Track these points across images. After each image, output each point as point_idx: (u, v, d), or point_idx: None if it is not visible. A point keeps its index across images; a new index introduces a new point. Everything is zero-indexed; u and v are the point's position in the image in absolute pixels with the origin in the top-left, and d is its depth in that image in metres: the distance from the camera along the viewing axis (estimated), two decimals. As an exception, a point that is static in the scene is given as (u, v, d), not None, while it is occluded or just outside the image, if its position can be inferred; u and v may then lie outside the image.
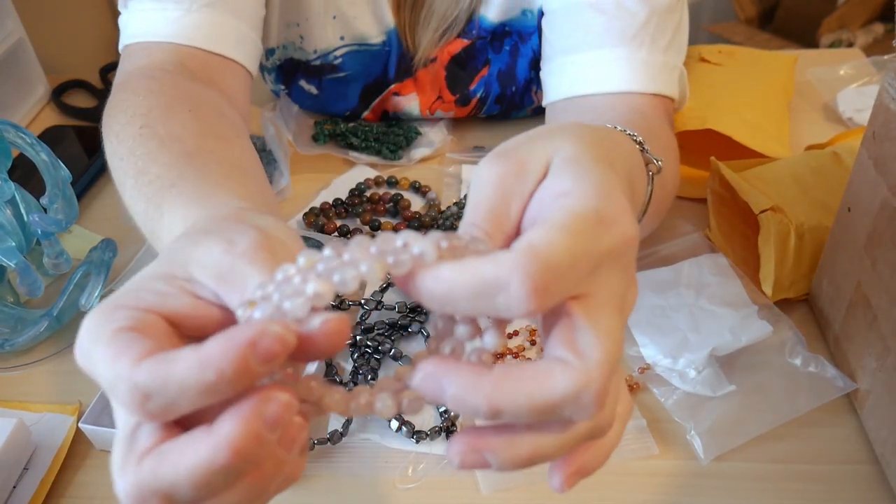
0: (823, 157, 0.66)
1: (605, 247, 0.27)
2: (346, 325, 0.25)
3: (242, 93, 0.62)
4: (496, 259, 0.25)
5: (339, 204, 0.73)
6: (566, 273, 0.25)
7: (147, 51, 0.59)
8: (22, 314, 0.59)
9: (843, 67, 0.91)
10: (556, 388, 0.25)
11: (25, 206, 0.59)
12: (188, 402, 0.24)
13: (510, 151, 0.31)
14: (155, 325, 0.27)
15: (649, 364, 0.54)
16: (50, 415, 0.54)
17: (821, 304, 0.58)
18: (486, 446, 0.27)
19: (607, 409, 0.28)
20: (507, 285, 0.25)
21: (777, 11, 1.86)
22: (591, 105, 0.59)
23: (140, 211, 0.46)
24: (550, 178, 0.30)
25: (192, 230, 0.32)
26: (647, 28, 0.59)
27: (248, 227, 0.30)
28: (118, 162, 0.50)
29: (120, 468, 0.26)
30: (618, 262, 0.28)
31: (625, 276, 0.28)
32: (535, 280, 0.25)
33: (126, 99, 0.53)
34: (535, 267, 0.25)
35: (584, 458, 0.29)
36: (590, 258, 0.26)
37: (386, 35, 0.74)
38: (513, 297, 0.25)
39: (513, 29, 0.74)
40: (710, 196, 0.66)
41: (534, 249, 0.25)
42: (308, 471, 0.50)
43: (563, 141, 0.31)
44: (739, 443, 0.50)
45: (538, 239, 0.25)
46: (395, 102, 0.81)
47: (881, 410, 0.49)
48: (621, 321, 0.28)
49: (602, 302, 0.27)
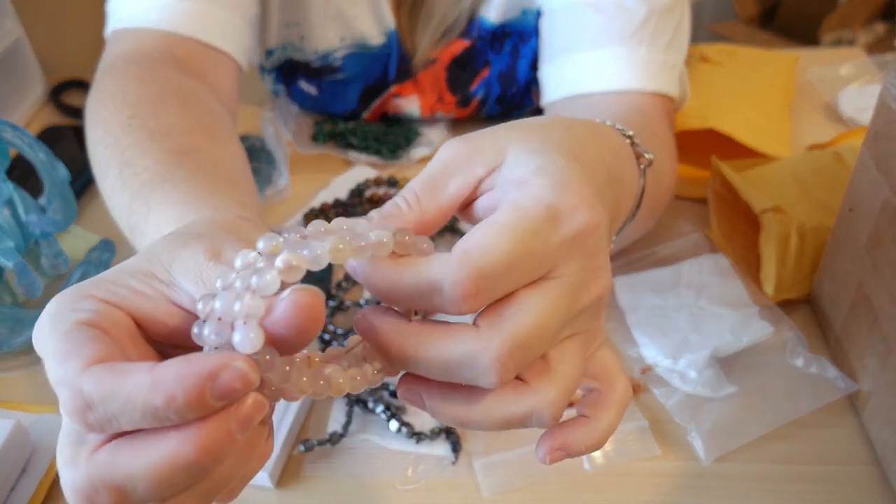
0: (825, 157, 0.66)
1: (559, 240, 0.27)
2: (319, 298, 0.24)
3: (231, 85, 0.61)
4: (433, 262, 0.27)
5: (338, 204, 0.72)
6: (500, 277, 0.26)
7: (135, 36, 0.58)
8: (20, 314, 0.59)
9: (844, 67, 0.91)
10: (455, 348, 0.26)
11: (24, 206, 0.59)
12: (130, 421, 0.23)
13: (469, 137, 0.31)
14: (120, 324, 0.26)
15: (651, 365, 0.54)
16: (48, 416, 0.53)
17: (822, 305, 0.58)
18: (423, 388, 0.29)
19: (548, 394, 0.28)
20: (440, 289, 0.26)
21: (778, 10, 1.86)
22: (590, 104, 0.59)
23: (122, 203, 0.45)
24: (507, 165, 0.30)
25: (183, 230, 0.31)
26: (647, 27, 0.59)
27: (240, 242, 0.30)
28: (102, 150, 0.49)
29: (69, 459, 0.24)
30: (577, 251, 0.28)
31: (586, 264, 0.29)
32: (466, 285, 0.26)
33: (114, 85, 0.52)
34: (465, 272, 0.26)
35: (571, 437, 0.31)
36: (534, 258, 0.27)
37: (386, 36, 0.74)
38: (446, 300, 0.26)
39: (513, 30, 0.73)
40: (711, 196, 0.66)
41: (467, 255, 0.26)
42: (308, 471, 0.50)
43: (524, 132, 0.31)
44: (740, 444, 0.50)
45: (474, 243, 0.26)
46: (395, 104, 0.80)
47: (882, 411, 0.48)
48: (567, 304, 0.28)
49: (548, 286, 0.28)
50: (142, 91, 0.51)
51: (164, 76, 0.54)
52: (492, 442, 0.50)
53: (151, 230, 0.41)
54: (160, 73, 0.54)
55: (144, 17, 0.58)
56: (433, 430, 0.51)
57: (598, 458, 0.50)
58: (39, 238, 0.59)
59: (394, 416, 0.52)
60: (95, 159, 0.50)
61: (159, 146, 0.46)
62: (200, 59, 0.58)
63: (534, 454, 0.49)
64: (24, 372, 0.58)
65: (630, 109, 0.57)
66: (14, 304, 0.60)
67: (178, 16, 0.57)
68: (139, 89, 0.51)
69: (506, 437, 0.50)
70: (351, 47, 0.74)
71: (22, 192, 0.59)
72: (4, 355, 0.59)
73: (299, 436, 0.52)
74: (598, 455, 0.50)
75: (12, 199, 0.58)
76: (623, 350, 0.56)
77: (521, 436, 0.50)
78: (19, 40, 0.90)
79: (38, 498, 0.49)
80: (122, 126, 0.48)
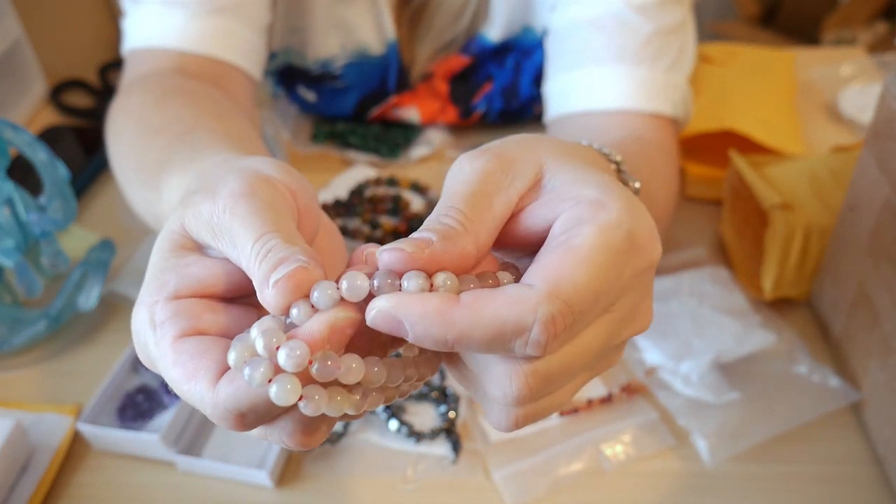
0: (846, 159, 0.64)
1: (633, 271, 0.26)
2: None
3: (246, 99, 0.61)
4: (516, 298, 0.23)
5: (339, 204, 0.72)
6: (587, 313, 0.24)
7: (151, 57, 0.58)
8: (20, 314, 0.59)
9: (845, 66, 0.91)
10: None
11: (23, 206, 0.59)
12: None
13: (495, 149, 0.28)
14: (189, 310, 0.28)
15: (655, 367, 0.54)
16: (48, 415, 0.53)
17: (823, 305, 0.58)
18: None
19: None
20: (527, 330, 0.23)
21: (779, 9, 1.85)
22: (588, 124, 0.58)
23: (142, 200, 0.46)
24: (557, 176, 0.28)
25: (185, 193, 0.32)
26: (649, 46, 0.57)
27: (230, 174, 0.30)
28: (121, 161, 0.51)
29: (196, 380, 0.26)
30: (638, 286, 0.27)
31: (638, 302, 0.27)
32: (558, 324, 0.23)
33: (123, 102, 0.54)
34: (557, 309, 0.23)
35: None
36: (613, 291, 0.25)
37: (386, 46, 0.73)
38: (532, 342, 0.23)
39: (515, 46, 0.73)
40: (728, 191, 0.65)
41: (558, 289, 0.23)
42: (308, 471, 0.50)
43: (548, 143, 0.30)
44: (741, 449, 0.50)
45: (562, 276, 0.24)
46: (395, 114, 0.80)
47: (883, 411, 0.48)
48: (604, 341, 0.26)
49: (604, 320, 0.26)
50: (147, 98, 0.52)
51: (168, 81, 0.55)
52: (510, 452, 0.50)
53: (167, 209, 0.41)
54: (164, 79, 0.55)
55: (159, 38, 0.58)
56: (433, 430, 0.51)
57: (618, 455, 0.50)
58: (39, 237, 0.59)
59: (393, 416, 0.52)
60: (118, 173, 0.52)
61: (164, 137, 0.46)
62: (215, 75, 0.59)
63: (554, 459, 0.49)
64: (24, 372, 0.58)
65: (627, 133, 0.56)
66: (14, 303, 0.60)
67: (192, 34, 0.58)
68: (144, 97, 0.52)
69: (522, 446, 0.50)
70: (351, 56, 0.74)
71: (22, 191, 0.59)
72: (4, 355, 0.59)
73: (299, 435, 0.52)
74: (620, 451, 0.50)
75: (12, 199, 0.58)
76: (624, 353, 0.56)
77: (537, 443, 0.50)
78: (19, 40, 0.89)
79: (38, 498, 0.48)
80: (132, 132, 0.49)
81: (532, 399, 0.25)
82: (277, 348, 0.24)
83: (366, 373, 0.25)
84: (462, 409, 0.52)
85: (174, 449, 0.50)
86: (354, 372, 0.25)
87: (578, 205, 0.26)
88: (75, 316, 0.61)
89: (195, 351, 0.27)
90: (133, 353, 0.56)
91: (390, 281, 0.25)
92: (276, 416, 0.27)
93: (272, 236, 0.27)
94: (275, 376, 0.24)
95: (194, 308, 0.28)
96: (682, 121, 0.61)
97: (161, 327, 0.27)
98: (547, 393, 0.26)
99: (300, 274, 0.25)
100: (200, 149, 0.41)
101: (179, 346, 0.27)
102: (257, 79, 0.63)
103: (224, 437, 0.52)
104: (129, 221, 0.70)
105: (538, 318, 0.23)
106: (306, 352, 0.24)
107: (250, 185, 0.29)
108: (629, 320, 0.27)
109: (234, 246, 0.27)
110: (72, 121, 0.90)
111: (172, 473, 0.50)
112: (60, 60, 0.98)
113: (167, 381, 0.28)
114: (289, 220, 0.29)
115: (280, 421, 0.27)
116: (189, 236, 0.29)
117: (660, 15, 0.57)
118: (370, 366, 0.26)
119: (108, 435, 0.50)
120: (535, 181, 0.28)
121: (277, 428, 0.27)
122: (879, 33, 1.73)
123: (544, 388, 0.25)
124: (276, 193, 0.29)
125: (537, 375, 0.25)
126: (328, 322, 0.25)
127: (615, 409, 0.52)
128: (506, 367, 0.25)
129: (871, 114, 0.50)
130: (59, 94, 0.94)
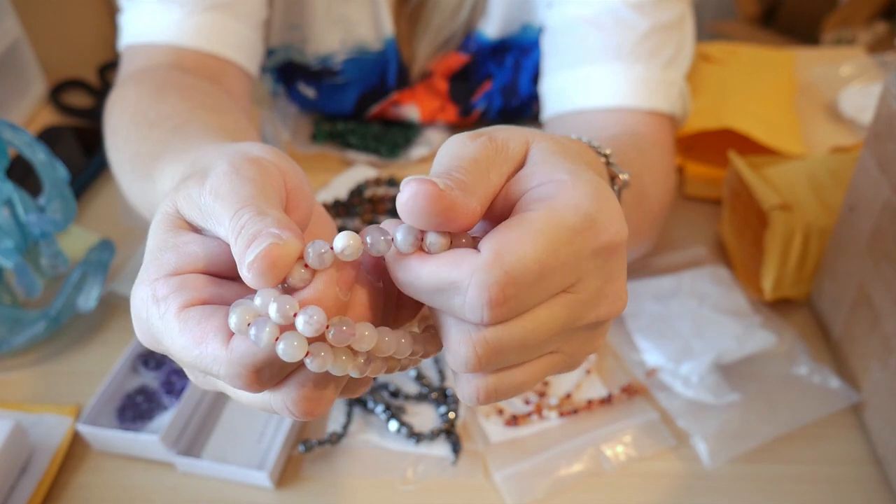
0: (845, 160, 0.64)
1: (590, 252, 0.26)
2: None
3: (243, 95, 0.62)
4: (459, 259, 0.25)
5: (339, 204, 0.72)
6: (530, 287, 0.25)
7: (147, 53, 0.59)
8: (19, 315, 0.59)
9: (845, 66, 0.91)
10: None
11: (23, 206, 0.59)
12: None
13: (489, 132, 0.29)
14: (192, 283, 0.28)
15: (655, 368, 0.54)
16: (47, 416, 0.53)
17: (822, 305, 0.58)
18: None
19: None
20: (463, 290, 0.24)
21: (779, 9, 1.85)
22: (584, 121, 0.58)
23: (137, 191, 0.46)
24: (536, 161, 0.28)
25: (178, 180, 0.32)
26: (646, 43, 0.57)
27: (219, 158, 0.30)
28: (116, 154, 0.51)
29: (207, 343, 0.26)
30: (602, 267, 0.27)
31: (603, 285, 0.27)
32: (493, 292, 0.24)
33: (120, 94, 0.54)
34: (496, 276, 0.24)
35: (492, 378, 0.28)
36: (565, 269, 0.25)
37: (384, 43, 0.73)
38: (468, 304, 0.24)
39: (513, 44, 0.73)
40: (727, 192, 0.65)
41: (500, 257, 0.24)
42: (308, 471, 0.50)
43: (542, 138, 0.30)
44: (742, 450, 0.50)
45: (508, 246, 0.24)
46: (395, 112, 0.80)
47: (883, 412, 0.48)
48: (565, 321, 0.27)
49: (563, 300, 0.26)
50: (142, 91, 0.52)
51: (164, 75, 0.55)
52: (510, 453, 0.50)
53: (160, 199, 0.41)
54: (161, 73, 0.55)
55: (156, 34, 0.58)
56: (433, 431, 0.51)
57: (618, 456, 0.50)
58: (39, 238, 0.59)
59: (393, 417, 0.52)
60: (114, 165, 0.52)
61: (159, 130, 0.46)
62: (212, 71, 0.59)
63: (554, 460, 0.49)
64: (24, 372, 0.58)
65: (621, 128, 0.56)
66: (13, 304, 0.60)
67: (188, 31, 0.58)
68: (139, 90, 0.52)
69: (523, 447, 0.50)
70: (351, 52, 0.74)
71: (21, 191, 0.59)
72: (4, 356, 0.59)
73: (299, 436, 0.52)
74: (620, 452, 0.50)
75: (11, 199, 0.58)
76: (625, 355, 0.56)
77: (537, 444, 0.50)
78: (19, 40, 0.89)
79: (38, 499, 0.48)
80: (127, 125, 0.49)
81: (482, 367, 0.26)
82: (295, 315, 0.25)
83: (378, 341, 0.26)
84: (462, 410, 0.52)
85: (174, 450, 0.50)
86: (367, 339, 0.26)
87: (543, 185, 0.27)
88: (75, 316, 0.61)
89: (201, 316, 0.27)
90: (133, 353, 0.56)
91: (384, 238, 0.26)
92: (287, 374, 0.27)
93: (245, 211, 0.27)
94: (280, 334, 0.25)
95: (197, 282, 0.28)
96: (680, 117, 0.61)
97: (164, 301, 0.27)
98: (502, 365, 0.27)
99: (274, 251, 0.25)
100: (194, 140, 0.42)
101: (185, 315, 0.27)
102: (254, 74, 0.63)
103: (224, 438, 0.52)
104: (129, 221, 0.70)
105: (474, 282, 0.24)
106: (324, 318, 0.24)
107: (234, 165, 0.29)
108: (593, 303, 0.27)
109: (220, 225, 0.28)
110: (71, 121, 0.90)
111: (172, 474, 0.50)
112: (60, 60, 0.98)
113: (174, 354, 0.27)
114: (271, 193, 0.29)
115: (284, 386, 0.27)
116: (183, 217, 0.30)
117: (657, 11, 0.57)
118: (382, 335, 0.26)
119: (108, 436, 0.50)
120: (520, 165, 0.29)
121: (282, 393, 0.27)
122: (879, 33, 1.72)
123: (495, 358, 0.26)
124: (261, 171, 0.29)
125: (486, 344, 0.25)
126: (332, 281, 0.26)
127: (615, 410, 0.52)
128: (458, 331, 0.26)
129: (870, 114, 0.50)
130: (58, 94, 0.94)
